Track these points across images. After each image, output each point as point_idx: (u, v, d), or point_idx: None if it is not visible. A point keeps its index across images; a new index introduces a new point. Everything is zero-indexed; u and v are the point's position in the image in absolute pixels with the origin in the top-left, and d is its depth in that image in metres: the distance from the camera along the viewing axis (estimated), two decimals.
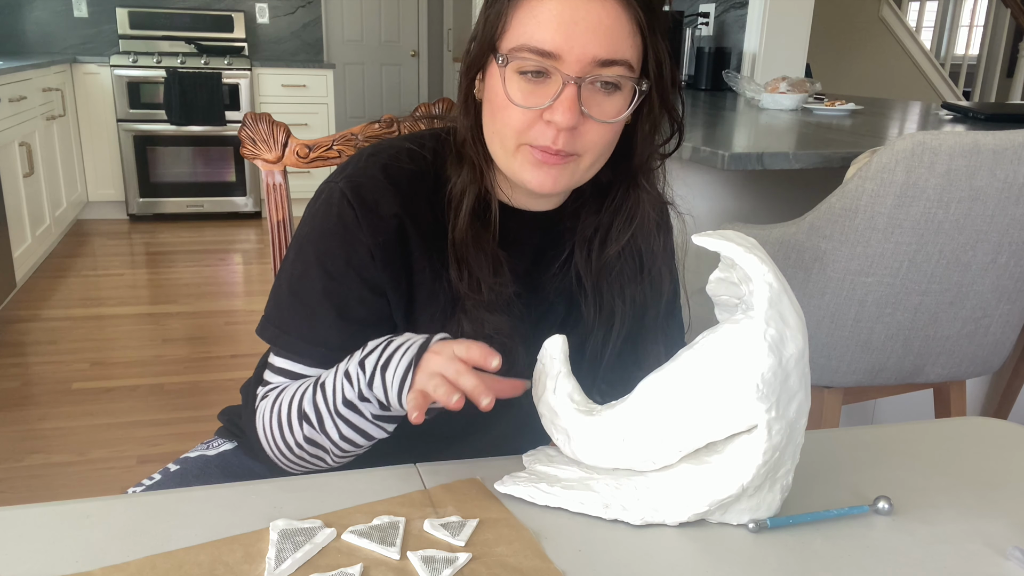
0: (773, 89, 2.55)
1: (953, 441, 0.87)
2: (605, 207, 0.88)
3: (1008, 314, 1.46)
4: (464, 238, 0.82)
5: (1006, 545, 0.67)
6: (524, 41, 0.75)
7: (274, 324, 0.85)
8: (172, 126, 4.85)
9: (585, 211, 0.89)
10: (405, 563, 0.61)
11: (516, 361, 0.83)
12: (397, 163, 0.84)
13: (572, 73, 0.74)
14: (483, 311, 0.83)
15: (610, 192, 0.87)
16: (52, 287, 3.70)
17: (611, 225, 0.88)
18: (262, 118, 1.12)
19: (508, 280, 0.84)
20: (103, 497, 0.70)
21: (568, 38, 0.74)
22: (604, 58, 0.75)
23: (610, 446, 0.69)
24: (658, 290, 0.91)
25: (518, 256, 0.87)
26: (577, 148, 0.78)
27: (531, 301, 0.87)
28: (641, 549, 0.65)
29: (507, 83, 0.77)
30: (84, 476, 2.17)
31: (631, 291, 0.89)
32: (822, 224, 1.36)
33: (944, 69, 5.26)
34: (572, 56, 0.74)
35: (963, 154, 1.25)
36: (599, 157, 0.81)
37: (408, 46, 6.26)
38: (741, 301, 0.68)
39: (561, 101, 0.75)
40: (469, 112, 0.84)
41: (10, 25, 5.03)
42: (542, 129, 0.77)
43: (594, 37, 0.74)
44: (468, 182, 0.83)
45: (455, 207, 0.83)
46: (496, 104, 0.79)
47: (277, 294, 0.86)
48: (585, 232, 0.88)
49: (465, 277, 0.82)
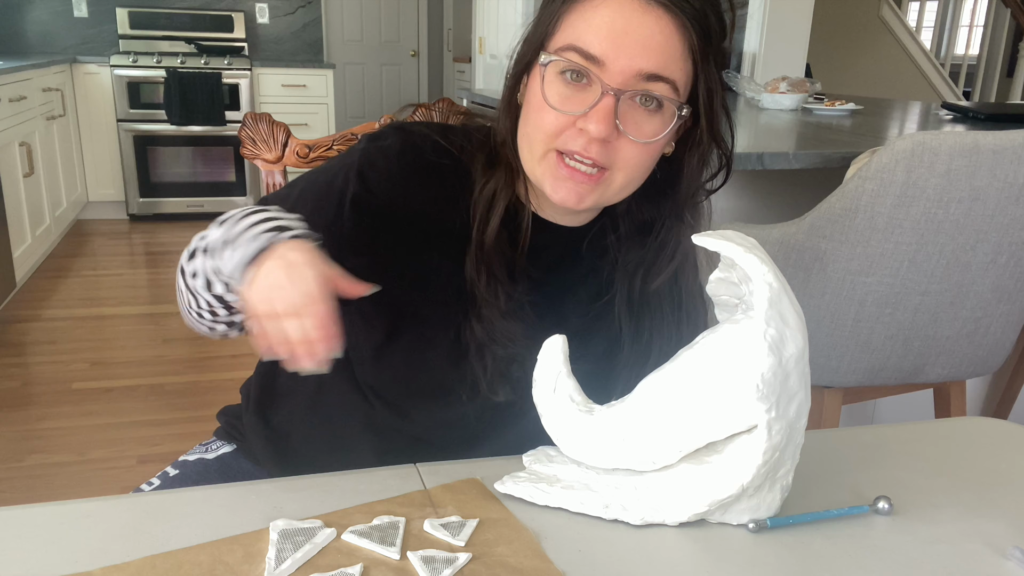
0: (773, 89, 2.55)
1: (953, 441, 0.87)
2: (649, 243, 0.85)
3: (1008, 314, 1.46)
4: (491, 242, 0.81)
5: (1006, 545, 0.67)
6: (571, 42, 0.74)
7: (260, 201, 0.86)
8: (172, 126, 4.85)
9: (628, 244, 0.86)
10: (405, 563, 0.61)
11: (525, 368, 0.82)
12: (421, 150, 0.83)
13: (613, 83, 0.73)
14: (497, 317, 0.82)
15: (654, 227, 0.85)
16: (52, 287, 3.70)
17: (655, 261, 0.85)
18: (262, 118, 1.12)
19: (526, 289, 0.83)
20: (103, 497, 0.70)
21: (616, 46, 0.72)
22: (648, 72, 0.73)
23: (610, 446, 0.69)
24: (694, 327, 0.87)
25: (537, 266, 0.86)
26: (608, 162, 0.76)
27: (548, 318, 0.85)
28: (641, 549, 0.65)
29: (546, 84, 0.75)
30: (84, 476, 2.17)
31: (670, 329, 0.86)
32: (822, 224, 1.36)
33: (944, 69, 5.26)
34: (616, 66, 0.72)
35: (963, 154, 1.25)
36: (632, 179, 0.78)
37: (408, 46, 6.27)
38: (741, 301, 0.68)
39: (597, 110, 0.73)
40: (510, 114, 0.82)
41: (10, 25, 5.03)
42: (574, 135, 0.75)
43: (642, 51, 0.72)
44: (502, 186, 0.82)
45: (484, 210, 0.82)
46: (532, 105, 0.77)
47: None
48: (627, 267, 0.86)
49: (483, 281, 0.81)
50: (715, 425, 0.65)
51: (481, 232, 0.81)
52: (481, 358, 0.82)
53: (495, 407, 0.85)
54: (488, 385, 0.83)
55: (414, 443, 0.88)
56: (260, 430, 0.94)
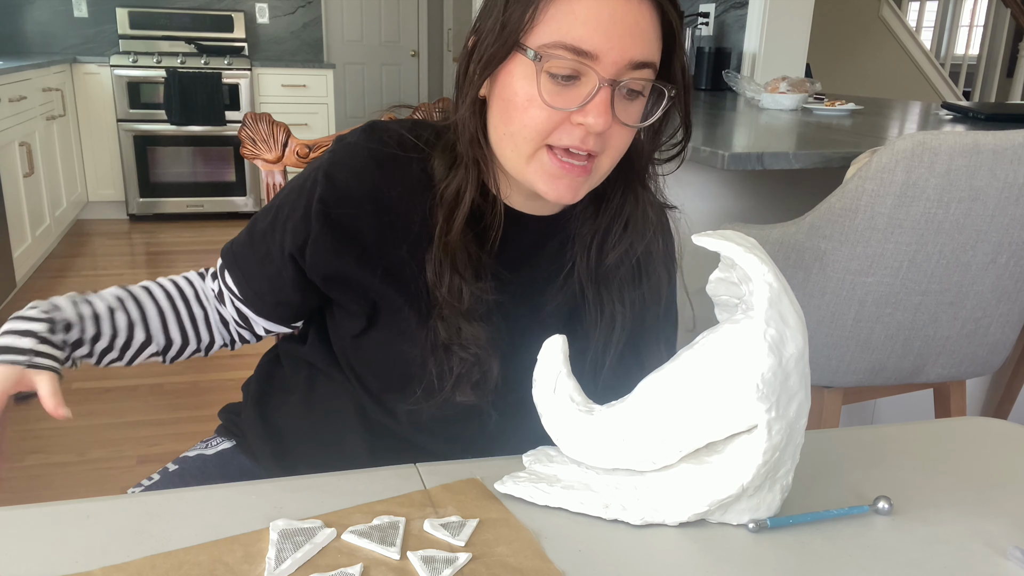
0: (773, 89, 2.55)
1: (953, 441, 0.87)
2: (602, 211, 0.85)
3: (1008, 314, 1.46)
4: (455, 242, 0.79)
5: (1006, 545, 0.67)
6: (559, 38, 0.72)
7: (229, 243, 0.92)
8: (172, 126, 4.85)
9: (582, 216, 0.86)
10: (405, 563, 0.61)
11: (489, 374, 0.82)
12: (386, 148, 0.82)
13: (607, 75, 0.72)
14: (460, 319, 0.80)
15: (607, 196, 0.85)
16: (52, 287, 3.70)
17: (609, 229, 0.85)
18: (262, 118, 1.12)
19: (490, 288, 0.81)
20: (103, 497, 0.70)
21: (607, 38, 0.71)
22: (638, 60, 0.73)
23: (610, 446, 0.69)
24: (657, 293, 0.89)
25: (509, 262, 0.84)
26: (600, 149, 0.76)
27: (520, 311, 0.85)
28: (641, 549, 0.65)
29: (536, 82, 0.73)
30: (84, 476, 2.17)
31: (631, 295, 0.87)
32: (822, 224, 1.36)
33: (944, 69, 5.26)
34: (610, 58, 0.72)
35: (963, 154, 1.25)
36: (615, 160, 0.79)
37: (408, 46, 6.27)
38: (741, 301, 0.68)
39: (596, 104, 0.72)
40: (476, 111, 0.79)
41: (10, 25, 5.04)
42: (569, 130, 0.74)
43: (631, 40, 0.72)
44: (466, 183, 0.80)
45: (448, 208, 0.80)
46: (515, 103, 0.75)
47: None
48: (584, 239, 0.86)
49: (446, 282, 0.79)
50: (715, 425, 0.65)
51: (444, 234, 0.79)
52: (448, 358, 0.82)
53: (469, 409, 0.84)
54: (453, 385, 0.82)
55: (404, 442, 0.88)
56: (258, 427, 0.94)
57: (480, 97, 0.79)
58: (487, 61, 0.76)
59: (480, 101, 0.80)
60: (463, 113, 0.79)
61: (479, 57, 0.76)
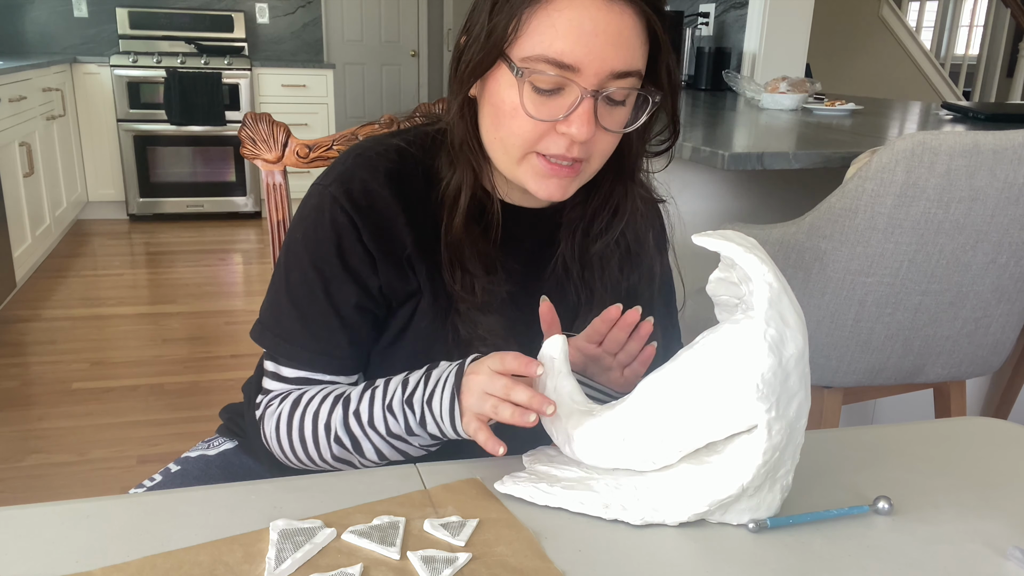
0: (773, 89, 2.55)
1: (953, 441, 0.87)
2: (591, 197, 0.88)
3: (1008, 314, 1.46)
4: (459, 238, 0.82)
5: (1006, 545, 0.67)
6: (541, 51, 0.73)
7: (273, 332, 0.84)
8: (172, 126, 4.85)
9: (571, 202, 0.88)
10: (405, 563, 0.61)
11: None
12: (387, 162, 0.83)
13: (589, 86, 0.73)
14: (476, 313, 0.82)
15: (596, 184, 0.87)
16: (52, 287, 3.70)
17: (595, 215, 0.88)
18: (262, 118, 1.12)
19: (502, 279, 0.84)
20: (103, 497, 0.70)
21: (588, 51, 0.72)
22: (620, 70, 0.74)
23: (610, 446, 0.69)
24: (650, 273, 0.91)
25: (513, 254, 0.87)
26: (587, 155, 0.78)
27: (526, 300, 0.87)
28: (641, 549, 0.65)
29: (520, 94, 0.75)
30: (84, 476, 2.17)
31: (616, 277, 0.89)
32: (822, 224, 1.36)
33: (944, 69, 5.26)
34: (591, 69, 0.73)
35: (963, 154, 1.25)
36: (604, 160, 0.81)
37: (408, 46, 6.26)
38: (741, 301, 0.68)
39: (579, 115, 0.74)
40: (465, 113, 0.82)
41: (10, 25, 5.04)
42: (555, 139, 0.76)
43: (613, 50, 0.73)
44: (463, 182, 0.82)
45: (449, 207, 0.82)
46: (503, 111, 0.77)
47: (275, 302, 0.85)
48: (572, 224, 0.88)
49: (459, 278, 0.82)
50: (715, 425, 0.65)
51: (448, 231, 0.82)
52: (469, 353, 0.82)
53: None
54: None
55: None
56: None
57: (471, 96, 0.81)
58: (474, 67, 0.77)
59: (471, 101, 0.82)
60: (453, 116, 0.82)
61: (467, 61, 0.78)
